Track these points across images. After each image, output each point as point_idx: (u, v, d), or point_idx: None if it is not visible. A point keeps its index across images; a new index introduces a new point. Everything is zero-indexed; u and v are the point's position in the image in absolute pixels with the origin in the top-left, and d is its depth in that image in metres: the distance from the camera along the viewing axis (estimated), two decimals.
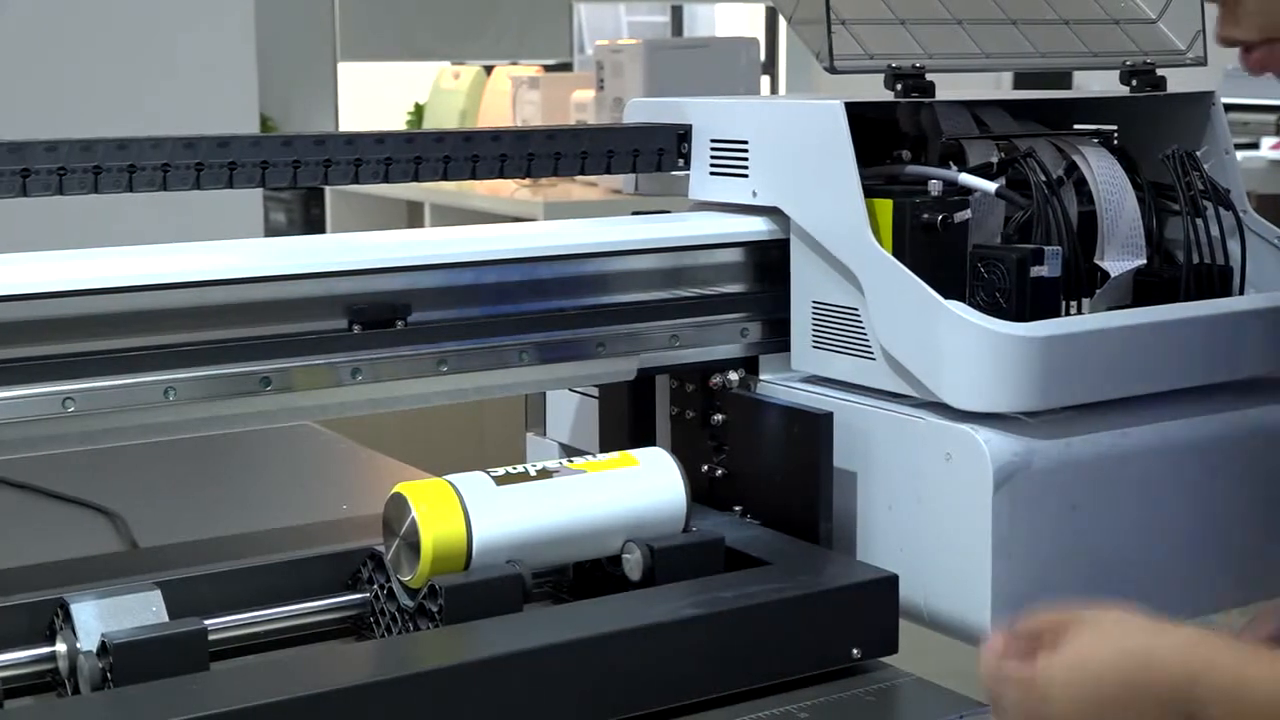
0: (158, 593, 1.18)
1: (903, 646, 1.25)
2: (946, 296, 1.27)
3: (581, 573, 1.32)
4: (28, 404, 1.13)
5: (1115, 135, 1.51)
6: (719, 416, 1.42)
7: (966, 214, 1.34)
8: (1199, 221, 1.40)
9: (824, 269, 1.37)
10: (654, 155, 1.47)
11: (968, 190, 1.37)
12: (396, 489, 1.23)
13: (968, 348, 1.25)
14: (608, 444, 1.50)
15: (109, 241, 1.25)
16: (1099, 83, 1.65)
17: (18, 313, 1.13)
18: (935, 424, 1.27)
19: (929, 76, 1.39)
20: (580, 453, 1.48)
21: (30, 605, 1.18)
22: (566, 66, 7.92)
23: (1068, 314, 1.36)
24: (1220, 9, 1.19)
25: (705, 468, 1.42)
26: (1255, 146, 5.47)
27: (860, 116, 1.35)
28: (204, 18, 3.21)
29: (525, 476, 1.26)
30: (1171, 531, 1.32)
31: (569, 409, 1.59)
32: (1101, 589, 1.28)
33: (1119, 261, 1.41)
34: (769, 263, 1.43)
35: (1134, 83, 1.52)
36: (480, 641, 1.15)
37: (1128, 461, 1.29)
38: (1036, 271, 1.29)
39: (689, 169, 1.48)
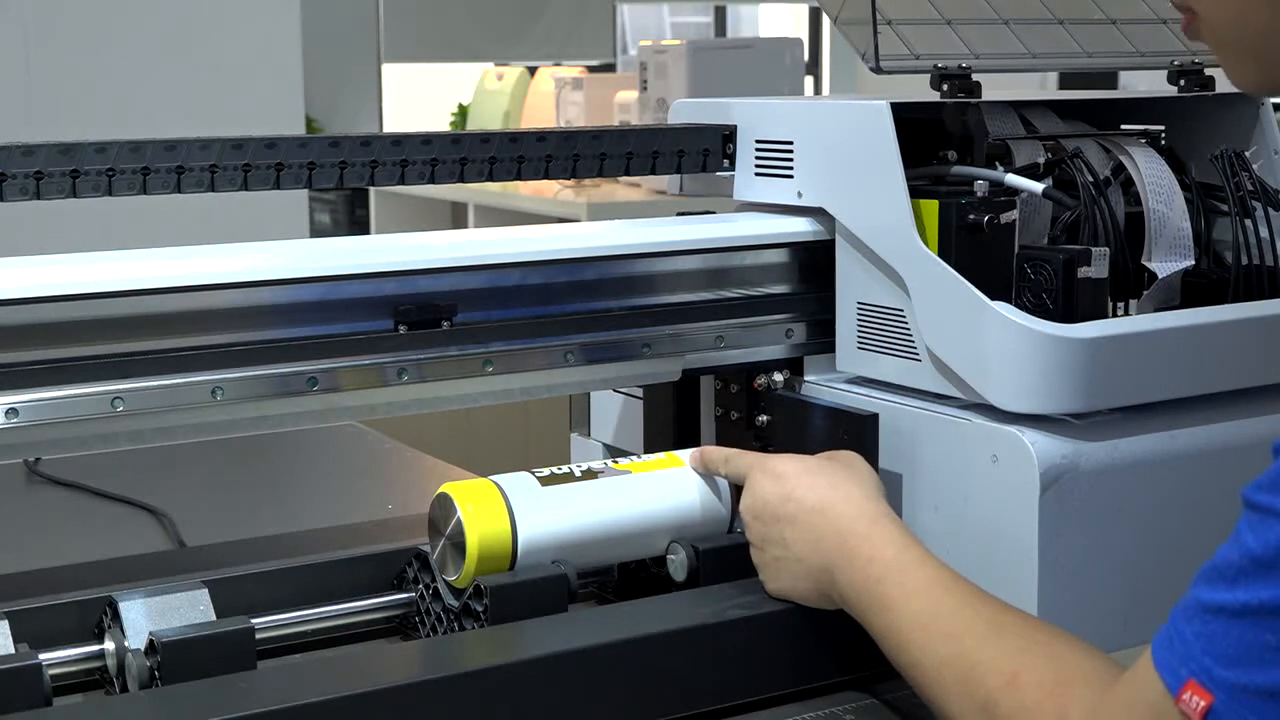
0: (205, 591, 1.19)
1: None
2: (992, 298, 1.26)
3: (626, 573, 1.32)
4: (77, 404, 1.14)
5: (1163, 135, 1.50)
6: (764, 417, 1.42)
7: (1013, 215, 1.33)
8: (1248, 222, 1.39)
9: (869, 270, 1.36)
10: (699, 156, 1.47)
11: (1014, 191, 1.36)
12: (442, 489, 1.24)
13: (1014, 349, 1.24)
14: (652, 445, 1.50)
15: (156, 242, 1.26)
16: (1146, 83, 1.64)
17: (67, 313, 1.14)
18: (981, 425, 1.27)
19: (975, 77, 1.38)
20: (625, 453, 1.48)
21: (79, 603, 1.19)
22: (610, 67, 7.94)
23: (1115, 315, 1.35)
24: None
25: None
26: None
27: (906, 117, 1.34)
28: (250, 20, 3.24)
29: (570, 477, 1.27)
30: (1220, 535, 1.31)
31: (613, 410, 1.59)
32: (1148, 592, 1.28)
33: (1167, 263, 1.40)
34: (814, 263, 1.42)
35: (1182, 82, 1.51)
36: (525, 642, 1.15)
37: (1176, 464, 1.29)
38: (1084, 272, 1.28)
39: (734, 170, 1.48)
